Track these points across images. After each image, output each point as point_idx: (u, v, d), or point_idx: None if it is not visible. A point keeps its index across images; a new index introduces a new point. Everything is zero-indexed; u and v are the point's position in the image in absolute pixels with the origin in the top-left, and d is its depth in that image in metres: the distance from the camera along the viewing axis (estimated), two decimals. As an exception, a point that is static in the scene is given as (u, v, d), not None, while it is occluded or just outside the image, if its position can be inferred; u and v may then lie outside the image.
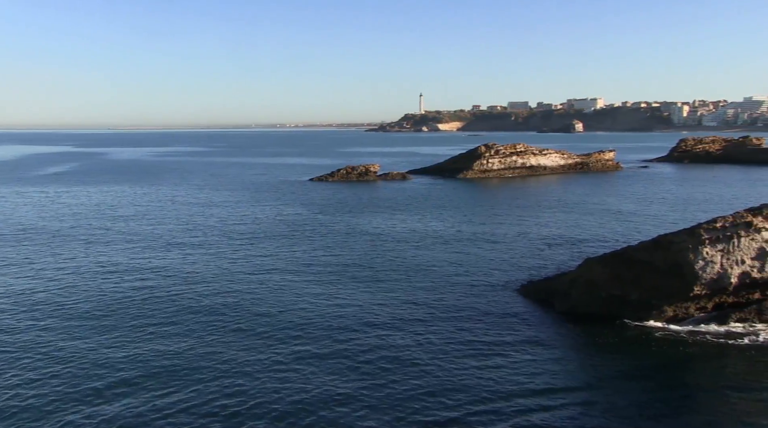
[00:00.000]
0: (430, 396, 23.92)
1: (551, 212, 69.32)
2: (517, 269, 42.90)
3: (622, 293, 32.54)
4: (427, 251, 49.43)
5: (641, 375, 25.94)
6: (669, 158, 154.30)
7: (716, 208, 67.05)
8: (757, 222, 31.12)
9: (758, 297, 31.97)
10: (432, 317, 33.02)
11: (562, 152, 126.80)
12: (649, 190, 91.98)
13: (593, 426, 21.62)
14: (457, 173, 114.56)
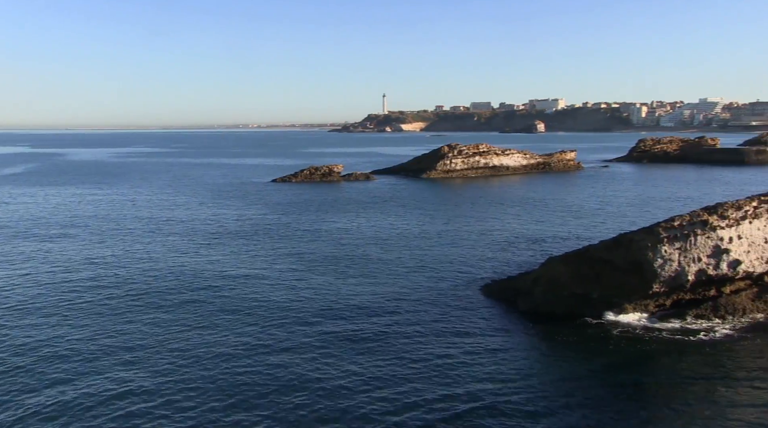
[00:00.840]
0: (390, 393, 23.98)
1: (514, 212, 69.97)
2: (481, 269, 43.22)
3: (583, 291, 32.99)
4: (391, 251, 49.51)
5: (602, 371, 26.32)
6: (628, 158, 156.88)
7: (674, 207, 68.35)
8: (712, 221, 31.80)
9: (714, 294, 32.72)
10: (395, 317, 33.06)
11: (525, 152, 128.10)
12: (609, 189, 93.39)
13: (555, 423, 21.86)
14: (420, 173, 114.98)
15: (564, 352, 28.71)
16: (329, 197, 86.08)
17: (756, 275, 32.66)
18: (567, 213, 68.66)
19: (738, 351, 28.06)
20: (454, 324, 32.07)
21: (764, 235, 32.41)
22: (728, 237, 31.56)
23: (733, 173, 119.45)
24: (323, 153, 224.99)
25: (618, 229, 47.18)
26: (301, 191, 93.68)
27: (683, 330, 30.59)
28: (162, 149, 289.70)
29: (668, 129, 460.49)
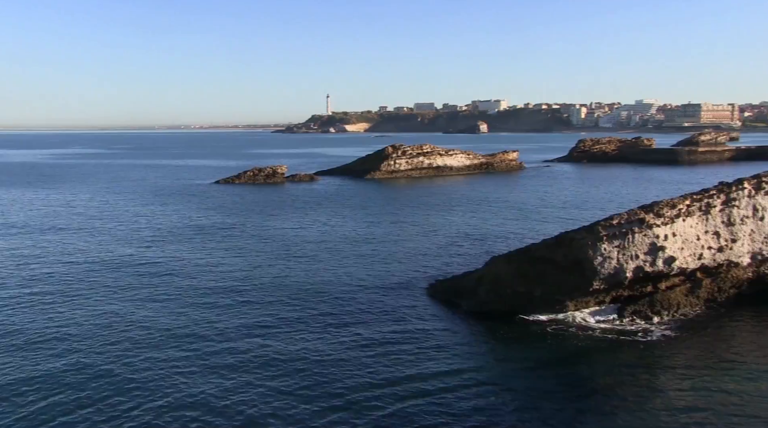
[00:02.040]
0: (334, 392, 23.98)
1: (458, 212, 70.66)
2: (426, 269, 43.52)
3: (526, 289, 33.54)
4: (335, 251, 49.45)
5: (542, 368, 26.84)
6: (569, 158, 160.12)
7: (613, 205, 70.00)
8: (649, 219, 32.72)
9: (651, 290, 33.70)
10: (339, 318, 33.05)
11: (468, 152, 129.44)
12: (551, 189, 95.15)
13: (494, 418, 22.19)
14: (364, 174, 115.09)
15: (506, 349, 29.19)
16: (273, 199, 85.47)
17: (689, 272, 33.76)
18: (510, 213, 69.68)
19: (672, 346, 28.97)
20: (398, 323, 32.22)
21: (696, 232, 33.52)
22: (663, 235, 32.53)
23: (668, 172, 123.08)
24: (267, 154, 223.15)
25: (559, 228, 48.08)
26: (245, 193, 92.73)
27: (622, 325, 31.43)
28: (99, 150, 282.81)
29: (606, 130, 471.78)
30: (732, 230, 34.29)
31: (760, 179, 35.43)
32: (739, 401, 23.22)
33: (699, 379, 25.30)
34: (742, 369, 26.14)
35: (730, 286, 34.53)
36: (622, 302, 33.49)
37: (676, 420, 21.93)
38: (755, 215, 34.76)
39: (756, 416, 22.09)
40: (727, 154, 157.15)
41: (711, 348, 28.76)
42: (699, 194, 34.87)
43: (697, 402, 23.27)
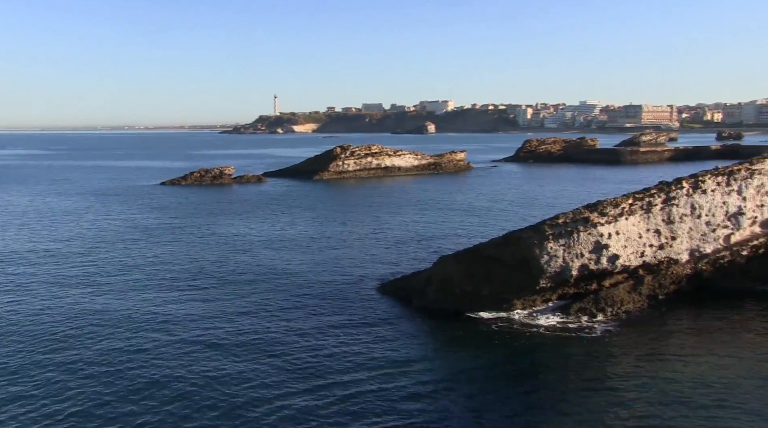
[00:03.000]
0: (288, 392, 23.86)
1: (407, 212, 70.97)
2: (376, 269, 43.59)
3: (474, 288, 33.90)
4: (285, 252, 49.14)
5: (491, 366, 27.18)
6: (515, 158, 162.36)
7: (558, 205, 71.14)
8: (593, 218, 33.41)
9: (595, 288, 34.43)
10: (290, 318, 32.89)
11: (416, 152, 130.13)
12: (498, 188, 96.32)
13: (442, 417, 22.40)
14: (313, 175, 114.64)
15: (454, 348, 29.50)
16: (221, 200, 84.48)
17: (632, 269, 34.60)
18: (458, 212, 70.29)
19: (616, 341, 29.67)
20: (348, 322, 32.25)
21: (639, 231, 34.38)
22: (607, 233, 33.26)
23: (611, 171, 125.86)
24: (214, 155, 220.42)
25: (507, 227, 48.70)
26: (192, 194, 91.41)
27: (568, 322, 32.00)
28: (39, 151, 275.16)
29: (552, 130, 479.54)
30: (672, 228, 35.27)
31: (697, 178, 36.50)
32: (679, 388, 24.16)
33: (642, 371, 26.04)
34: (682, 360, 27.05)
35: (671, 282, 35.50)
36: (568, 300, 34.14)
37: (621, 411, 22.51)
38: (693, 214, 35.82)
39: (693, 401, 23.12)
40: (666, 154, 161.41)
41: (653, 341, 29.57)
42: (641, 194, 35.75)
43: (641, 393, 23.98)
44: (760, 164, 37.71)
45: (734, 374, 25.62)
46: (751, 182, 37.06)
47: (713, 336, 30.28)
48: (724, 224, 36.52)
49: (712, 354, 27.80)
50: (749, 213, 37.03)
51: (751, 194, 37.03)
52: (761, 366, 26.40)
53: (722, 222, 36.47)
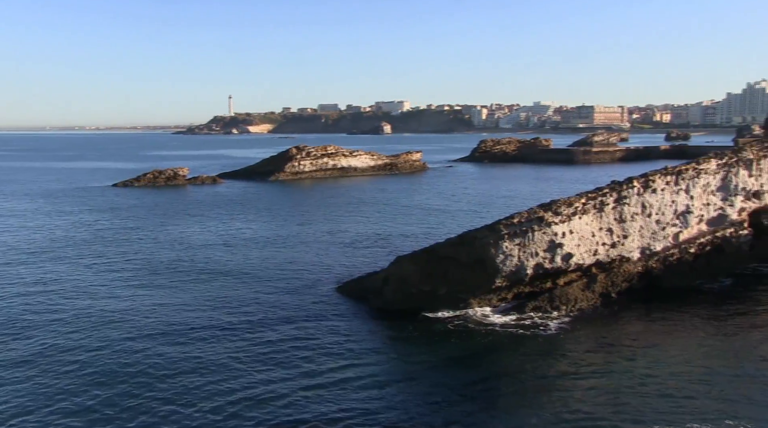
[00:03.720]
0: (243, 384, 23.71)
1: (363, 212, 70.99)
2: (333, 269, 43.52)
3: (431, 288, 34.07)
4: (241, 254, 48.73)
5: (448, 365, 27.39)
6: (471, 158, 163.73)
7: (513, 204, 71.99)
8: (547, 217, 33.89)
9: (550, 286, 34.95)
10: (245, 318, 32.66)
11: (372, 153, 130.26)
12: (454, 188, 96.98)
13: (399, 417, 22.52)
14: (269, 176, 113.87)
15: (410, 347, 29.63)
16: (175, 202, 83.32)
17: (585, 267, 35.21)
18: (414, 212, 70.58)
19: (570, 338, 30.19)
20: (304, 323, 32.17)
21: (591, 229, 35.00)
22: (561, 232, 33.77)
23: (564, 171, 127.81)
24: (167, 156, 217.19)
25: (463, 227, 49.08)
26: (145, 196, 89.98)
27: (523, 321, 32.43)
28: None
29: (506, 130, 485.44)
30: (623, 226, 35.99)
31: (647, 178, 37.31)
32: (630, 382, 24.89)
33: (595, 366, 26.61)
34: (632, 354, 27.72)
35: (623, 280, 36.24)
36: (523, 299, 34.59)
37: (575, 404, 22.95)
38: (644, 212, 36.61)
39: (645, 394, 23.83)
40: (618, 154, 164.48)
41: (605, 337, 30.19)
42: (593, 193, 36.39)
43: (594, 386, 24.55)
44: (706, 164, 38.73)
45: (681, 367, 26.37)
46: (697, 181, 38.03)
47: (662, 332, 31.04)
48: (673, 223, 37.43)
49: (660, 349, 28.54)
50: (696, 212, 38.01)
51: (698, 193, 38.02)
52: (705, 359, 27.26)
53: (671, 221, 37.37)
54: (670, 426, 21.43)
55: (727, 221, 39.09)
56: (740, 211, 39.43)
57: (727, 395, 23.75)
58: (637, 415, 22.26)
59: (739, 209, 39.36)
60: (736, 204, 39.11)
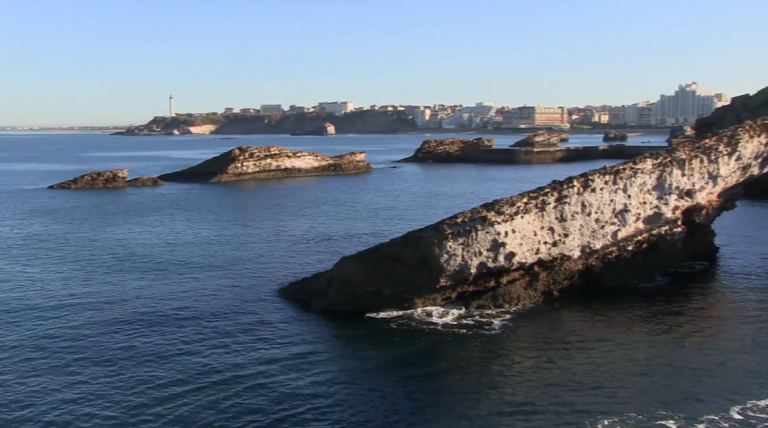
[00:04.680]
0: (184, 390, 23.31)
1: (307, 213, 70.61)
2: (276, 272, 43.14)
3: (375, 288, 34.07)
4: (182, 257, 47.85)
5: (393, 365, 27.40)
6: (415, 159, 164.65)
7: (457, 204, 72.60)
8: (490, 216, 34.24)
9: (493, 285, 35.36)
10: (188, 324, 32.06)
11: (316, 154, 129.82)
12: (398, 189, 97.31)
13: (344, 418, 22.46)
14: (211, 177, 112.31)
15: (355, 348, 29.61)
16: (114, 204, 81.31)
17: (527, 266, 35.72)
18: (359, 213, 70.55)
19: (514, 336, 30.63)
20: (248, 325, 31.83)
21: (533, 228, 35.51)
22: (504, 232, 34.16)
23: (507, 171, 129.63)
24: (106, 157, 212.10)
25: (407, 227, 49.23)
26: (83, 198, 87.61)
27: (467, 319, 32.73)
28: None
29: (449, 131, 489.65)
30: (564, 225, 36.63)
31: (586, 177, 38.06)
32: (571, 377, 25.48)
33: (537, 362, 27.09)
34: (574, 350, 28.30)
35: (564, 278, 36.92)
36: (467, 298, 34.91)
37: (517, 401, 23.35)
38: (583, 211, 37.34)
39: (586, 388, 24.47)
40: (558, 154, 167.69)
41: (547, 334, 30.72)
42: (535, 192, 36.93)
43: (536, 382, 24.99)
44: (642, 164, 39.73)
45: (619, 362, 27.07)
46: (635, 180, 39.00)
47: (601, 328, 31.72)
48: (611, 221, 38.28)
49: (600, 345, 29.19)
50: (634, 210, 38.97)
51: (635, 192, 38.98)
52: (641, 354, 28.08)
53: (610, 219, 38.22)
54: (608, 417, 22.02)
55: (663, 219, 40.20)
56: (674, 209, 40.60)
57: (661, 388, 24.52)
58: (576, 408, 22.78)
59: (674, 208, 40.52)
60: (670, 203, 40.25)
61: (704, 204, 42.00)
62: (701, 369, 26.27)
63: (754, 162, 43.58)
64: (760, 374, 25.69)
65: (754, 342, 29.34)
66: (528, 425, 21.89)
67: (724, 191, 43.12)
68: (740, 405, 22.74)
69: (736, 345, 29.11)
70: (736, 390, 24.15)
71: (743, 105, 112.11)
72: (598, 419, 21.96)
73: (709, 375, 25.63)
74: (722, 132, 44.24)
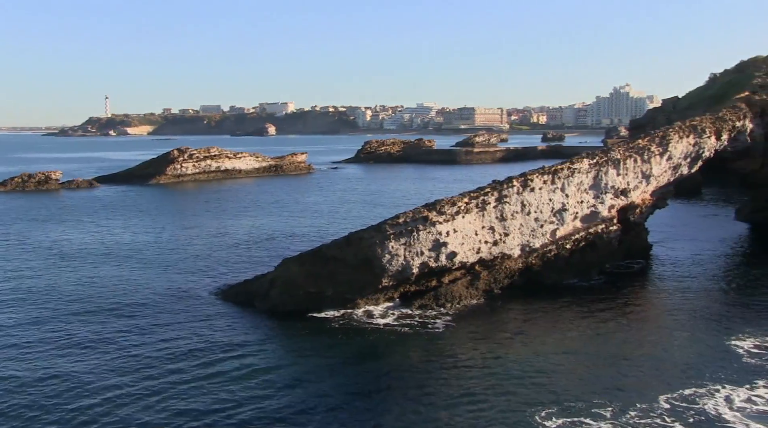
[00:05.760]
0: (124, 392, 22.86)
1: (249, 215, 69.88)
2: (218, 274, 42.56)
3: (318, 289, 33.98)
4: (120, 261, 46.74)
5: (336, 365, 27.40)
6: (356, 159, 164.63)
7: (399, 204, 72.87)
8: (432, 216, 34.50)
9: (435, 284, 35.64)
10: (130, 329, 31.36)
11: (257, 155, 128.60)
12: (340, 189, 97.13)
13: (286, 418, 22.43)
14: (149, 179, 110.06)
15: (298, 349, 29.53)
16: (47, 207, 78.78)
17: (469, 265, 36.13)
18: (300, 214, 70.14)
19: (456, 334, 31.00)
20: (190, 328, 31.41)
21: (474, 228, 35.93)
22: (446, 231, 34.46)
23: (448, 171, 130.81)
24: (38, 159, 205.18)
25: (349, 227, 49.18)
26: (12, 201, 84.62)
27: (409, 319, 32.92)
28: None
29: (391, 131, 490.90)
30: (504, 224, 37.17)
31: (526, 177, 38.71)
32: (512, 371, 26.20)
33: (478, 359, 27.59)
34: (515, 346, 28.91)
35: (504, 276, 37.47)
36: (409, 298, 35.10)
37: (458, 395, 23.82)
38: (523, 210, 37.96)
39: (526, 380, 25.30)
40: (498, 154, 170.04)
41: (489, 331, 31.27)
42: (476, 192, 37.36)
43: (478, 377, 25.50)
44: (579, 164, 40.64)
45: (558, 356, 27.80)
46: (572, 180, 39.84)
47: (541, 325, 32.43)
48: (550, 220, 39.02)
49: (539, 340, 29.89)
50: (572, 209, 39.82)
51: (572, 191, 39.83)
52: (579, 348, 28.88)
53: (549, 218, 38.95)
54: (548, 407, 22.79)
55: (599, 217, 41.20)
56: (610, 208, 41.66)
57: (596, 379, 25.52)
58: (519, 399, 23.54)
59: (609, 206, 41.57)
60: (606, 202, 41.28)
61: (638, 203, 43.22)
62: (634, 361, 27.37)
63: (683, 162, 45.07)
64: (686, 365, 26.94)
65: (682, 336, 30.61)
66: (472, 416, 22.40)
67: (657, 190, 44.48)
68: (668, 394, 23.99)
69: (665, 339, 30.36)
70: (664, 380, 25.37)
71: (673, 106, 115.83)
72: (539, 409, 22.75)
73: (641, 367, 26.76)
74: (654, 133, 45.62)
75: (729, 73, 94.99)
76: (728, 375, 25.62)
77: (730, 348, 28.46)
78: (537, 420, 21.96)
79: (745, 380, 25.10)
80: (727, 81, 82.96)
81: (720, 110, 50.10)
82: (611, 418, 22.11)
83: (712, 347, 28.87)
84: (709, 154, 46.41)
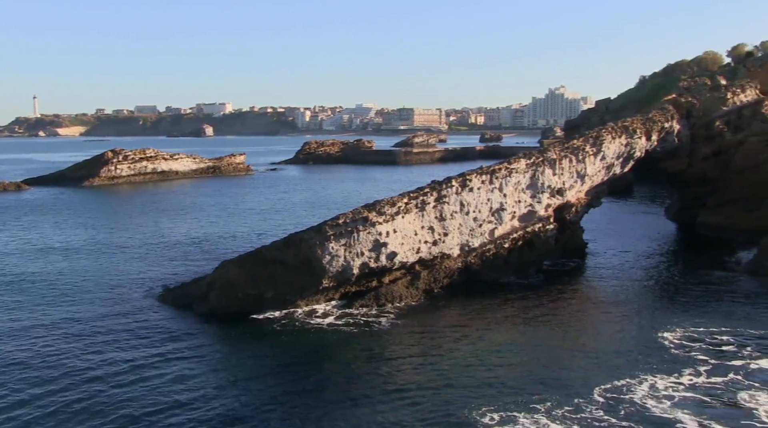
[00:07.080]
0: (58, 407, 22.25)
1: (186, 217, 68.75)
2: (155, 277, 41.76)
3: (258, 291, 33.72)
4: (52, 266, 45.36)
5: (277, 367, 27.28)
6: (296, 160, 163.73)
7: (338, 205, 72.84)
8: (371, 217, 34.63)
9: (376, 285, 35.79)
10: (65, 336, 30.52)
11: (194, 156, 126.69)
12: (279, 191, 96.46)
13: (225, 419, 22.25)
14: (82, 181, 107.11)
15: (239, 351, 29.29)
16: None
17: (409, 265, 36.40)
18: (239, 216, 69.39)
19: (396, 333, 31.20)
20: (126, 332, 30.84)
21: (414, 228, 36.22)
22: (386, 232, 34.65)
23: (387, 172, 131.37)
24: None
25: (289, 229, 48.94)
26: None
27: (350, 319, 32.97)
28: None
29: (330, 132, 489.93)
30: (444, 224, 37.57)
31: (464, 177, 39.22)
32: (453, 368, 26.51)
33: (419, 358, 27.88)
34: (455, 344, 29.26)
35: (444, 276, 37.87)
36: (350, 298, 35.16)
37: (403, 389, 24.16)
38: (462, 210, 38.45)
39: (467, 376, 25.72)
40: (437, 154, 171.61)
41: (429, 331, 31.52)
42: (415, 193, 37.65)
43: (421, 373, 25.70)
44: (517, 164, 41.39)
45: (497, 353, 28.28)
46: (510, 179, 40.55)
47: (480, 323, 32.82)
48: (489, 219, 39.62)
49: (479, 338, 30.32)
50: (509, 208, 40.52)
51: (510, 190, 40.54)
52: (518, 344, 29.45)
53: (487, 217, 39.54)
54: (487, 403, 23.22)
55: (536, 216, 42.05)
56: (547, 207, 42.55)
57: (534, 374, 25.98)
58: (460, 394, 24.01)
59: (546, 206, 42.46)
60: (543, 201, 42.15)
61: (574, 202, 44.28)
62: (570, 355, 28.18)
63: (616, 162, 46.38)
64: (619, 357, 27.81)
65: (615, 330, 31.61)
66: (414, 410, 22.79)
67: (591, 189, 45.64)
68: (602, 385, 24.80)
69: (599, 333, 31.37)
70: (599, 372, 26.18)
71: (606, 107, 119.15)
72: (479, 404, 23.18)
73: (577, 362, 27.51)
74: (588, 133, 46.80)
75: (657, 76, 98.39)
76: (658, 365, 26.61)
77: (659, 340, 29.52)
78: (475, 416, 22.31)
79: (673, 369, 26.16)
80: (656, 83, 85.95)
81: (650, 112, 51.73)
82: (546, 411, 22.68)
83: (642, 339, 29.88)
84: (640, 154, 47.87)
